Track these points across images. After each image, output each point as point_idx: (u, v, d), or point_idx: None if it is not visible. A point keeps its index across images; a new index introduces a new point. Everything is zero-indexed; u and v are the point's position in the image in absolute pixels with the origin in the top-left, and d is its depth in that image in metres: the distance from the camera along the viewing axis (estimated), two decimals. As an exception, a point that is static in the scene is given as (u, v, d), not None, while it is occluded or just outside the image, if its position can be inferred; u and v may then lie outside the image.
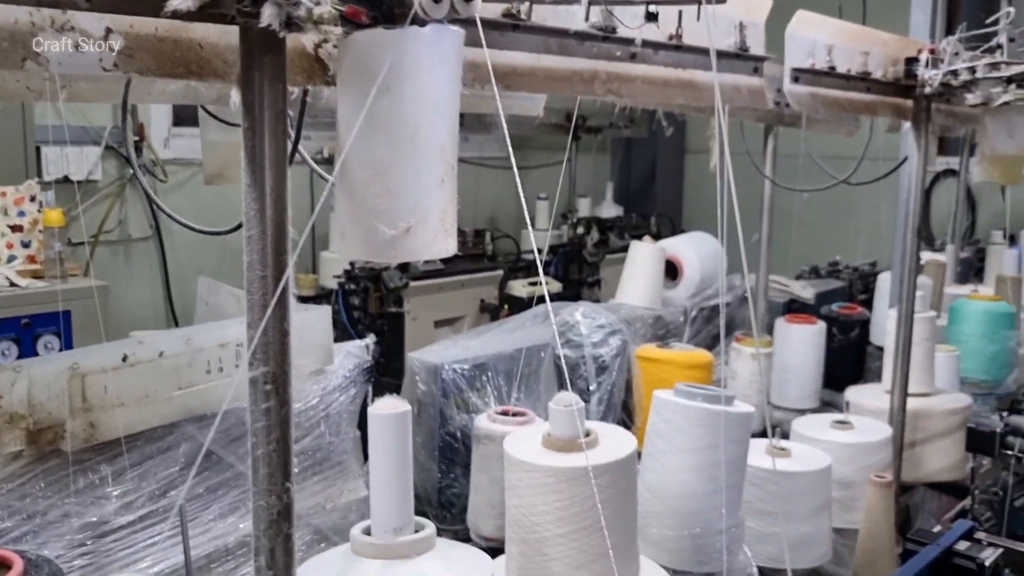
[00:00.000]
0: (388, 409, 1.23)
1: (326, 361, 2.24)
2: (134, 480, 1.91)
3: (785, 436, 2.25)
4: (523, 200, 1.06)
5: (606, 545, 1.43)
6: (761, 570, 1.95)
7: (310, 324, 2.20)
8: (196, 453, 2.01)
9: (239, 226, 1.02)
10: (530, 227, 1.40)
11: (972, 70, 2.12)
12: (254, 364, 1.00)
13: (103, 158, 4.44)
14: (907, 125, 2.41)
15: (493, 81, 0.95)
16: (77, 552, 1.78)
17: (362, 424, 2.36)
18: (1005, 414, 2.22)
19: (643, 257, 3.18)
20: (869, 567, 2.00)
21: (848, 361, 3.29)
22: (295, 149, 1.23)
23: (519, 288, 4.99)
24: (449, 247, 0.83)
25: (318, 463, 2.20)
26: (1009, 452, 2.06)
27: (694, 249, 3.37)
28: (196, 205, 4.69)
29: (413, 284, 4.65)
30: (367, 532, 1.26)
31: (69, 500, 1.83)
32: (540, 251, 5.28)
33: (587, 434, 1.47)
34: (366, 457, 2.16)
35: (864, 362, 3.41)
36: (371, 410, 1.25)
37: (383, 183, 0.80)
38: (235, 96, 0.94)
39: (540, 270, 1.32)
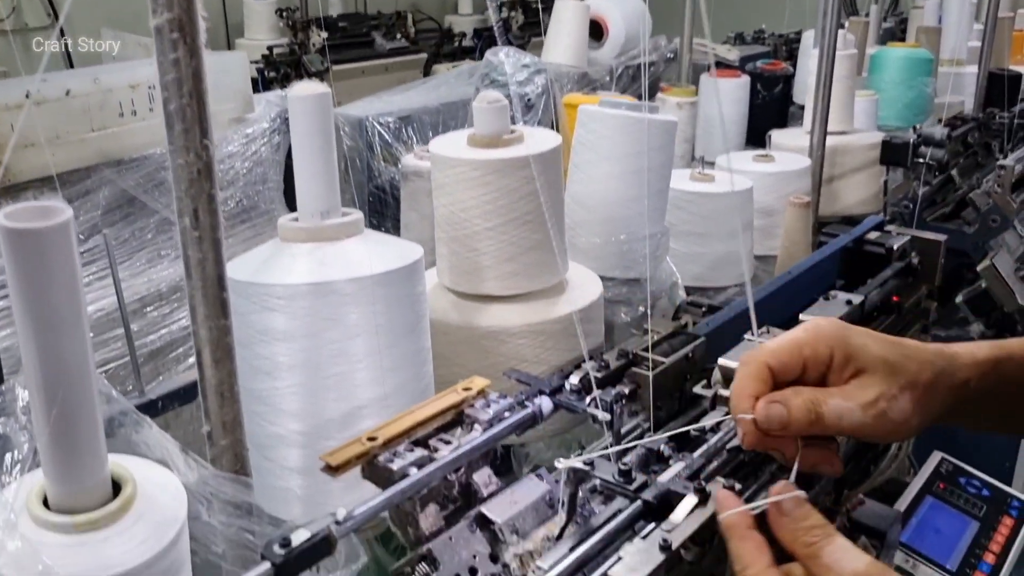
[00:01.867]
0: (308, 91, 1.21)
1: (246, 108, 2.18)
2: (55, 224, 1.87)
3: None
4: None
5: (534, 238, 1.46)
6: (687, 288, 2.04)
7: (226, 68, 2.13)
8: (117, 198, 1.97)
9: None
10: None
11: None
12: (157, 12, 0.96)
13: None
14: None
15: None
16: None
17: (288, 177, 2.34)
18: (918, 126, 2.28)
19: (568, 15, 3.11)
20: (787, 282, 2.10)
21: (771, 117, 3.31)
22: None
23: (444, 72, 4.86)
24: None
25: (245, 211, 2.18)
26: (921, 160, 2.14)
27: (618, 8, 3.30)
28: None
29: (336, 68, 4.51)
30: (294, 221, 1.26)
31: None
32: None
33: (512, 132, 1.47)
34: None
35: (787, 119, 3.45)
36: (291, 93, 1.22)
37: None
38: None
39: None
